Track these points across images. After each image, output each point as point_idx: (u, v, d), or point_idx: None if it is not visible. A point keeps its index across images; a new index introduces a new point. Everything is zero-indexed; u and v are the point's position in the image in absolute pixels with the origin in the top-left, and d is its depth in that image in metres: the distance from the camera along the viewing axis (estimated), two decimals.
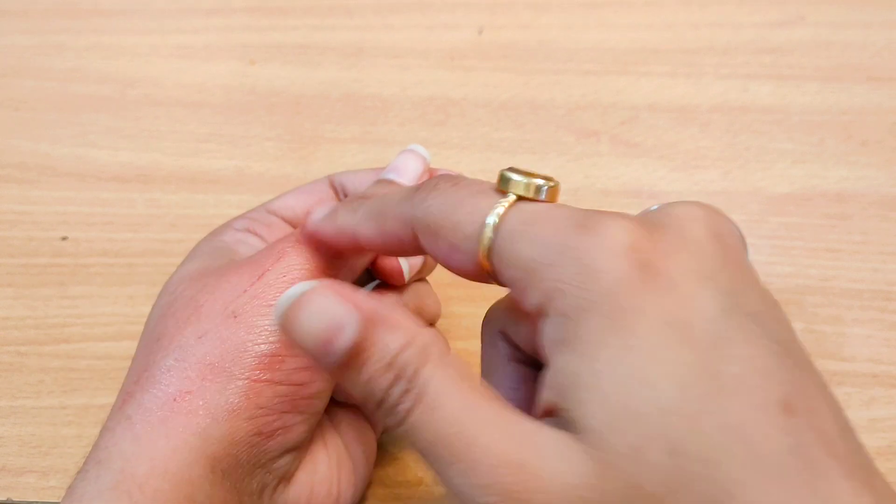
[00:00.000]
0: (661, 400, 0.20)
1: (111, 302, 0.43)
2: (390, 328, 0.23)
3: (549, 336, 0.23)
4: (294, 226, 0.36)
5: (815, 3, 0.55)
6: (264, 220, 0.35)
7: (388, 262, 0.34)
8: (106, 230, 0.46)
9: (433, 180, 0.27)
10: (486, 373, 0.29)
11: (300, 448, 0.31)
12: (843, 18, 0.55)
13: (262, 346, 0.29)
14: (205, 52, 0.56)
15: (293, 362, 0.30)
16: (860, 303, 0.41)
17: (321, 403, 0.31)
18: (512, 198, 0.25)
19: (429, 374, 0.22)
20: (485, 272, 0.25)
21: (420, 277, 0.36)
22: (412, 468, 0.38)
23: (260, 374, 0.29)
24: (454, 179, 0.27)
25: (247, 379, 0.29)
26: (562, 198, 0.46)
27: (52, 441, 0.39)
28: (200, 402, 0.28)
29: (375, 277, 0.35)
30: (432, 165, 0.37)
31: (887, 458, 0.36)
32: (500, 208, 0.25)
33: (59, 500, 0.37)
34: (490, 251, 0.25)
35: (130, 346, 0.42)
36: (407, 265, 0.34)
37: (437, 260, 0.27)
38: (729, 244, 0.24)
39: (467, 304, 0.42)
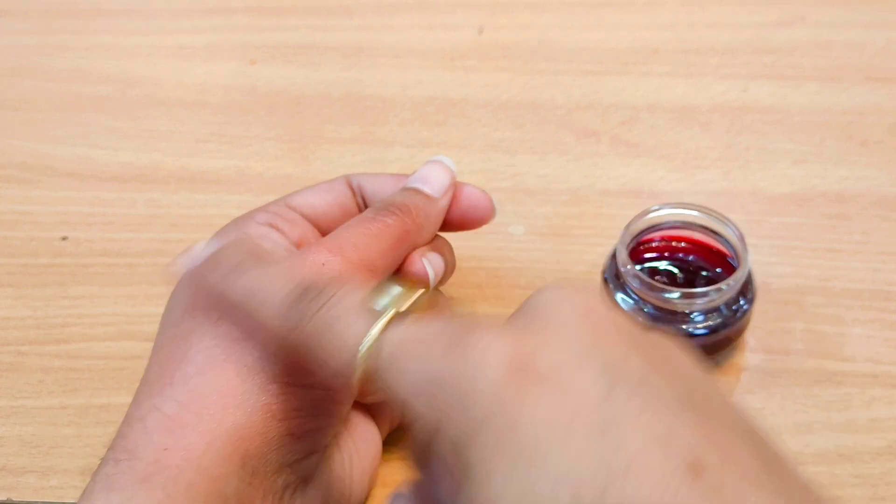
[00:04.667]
0: None
1: (111, 302, 0.43)
2: None
3: (446, 465, 0.22)
4: (314, 223, 0.36)
5: (815, 3, 0.55)
6: (286, 215, 0.35)
7: (413, 269, 0.34)
8: (106, 230, 0.46)
9: (309, 293, 0.27)
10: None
11: (323, 450, 0.31)
12: (843, 18, 0.55)
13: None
14: (205, 52, 0.56)
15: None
16: (860, 303, 0.41)
17: (348, 408, 0.32)
18: (386, 317, 0.25)
19: None
20: (367, 394, 0.25)
21: (443, 283, 0.36)
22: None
23: (296, 377, 0.29)
24: (325, 294, 0.26)
25: (283, 382, 0.29)
26: (562, 198, 0.46)
27: (52, 441, 0.39)
28: (236, 401, 0.29)
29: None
30: None
31: (887, 458, 0.36)
32: (375, 331, 0.24)
33: (59, 500, 0.37)
34: (368, 379, 0.24)
35: (130, 346, 0.42)
36: (433, 271, 0.34)
37: (315, 378, 0.28)
38: (599, 318, 0.23)
39: (468, 305, 0.42)
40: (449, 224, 0.36)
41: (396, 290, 0.25)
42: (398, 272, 0.34)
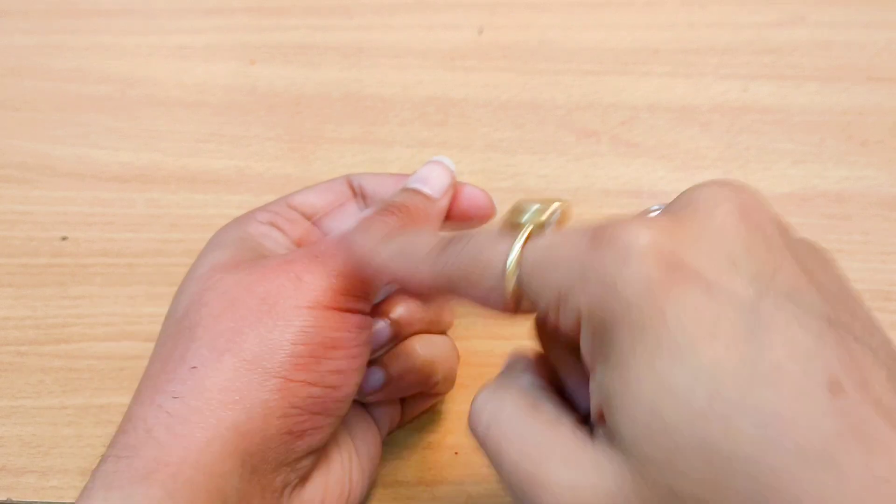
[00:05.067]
0: (691, 403, 0.20)
1: (111, 302, 0.43)
2: None
3: (586, 351, 0.23)
4: (315, 223, 0.36)
5: (815, 3, 0.55)
6: (287, 214, 0.35)
7: None
8: (106, 230, 0.46)
9: (455, 237, 0.27)
10: (559, 369, 0.29)
11: (321, 449, 0.31)
12: (843, 18, 0.55)
13: (300, 346, 0.29)
14: (205, 52, 0.56)
15: (329, 364, 0.30)
16: None
17: (347, 407, 0.32)
18: (526, 232, 0.25)
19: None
20: (521, 310, 0.26)
21: None
22: (413, 468, 0.38)
23: (296, 373, 0.29)
24: (472, 232, 0.27)
25: (283, 378, 0.29)
26: (562, 198, 0.46)
27: (52, 441, 0.39)
28: (236, 397, 0.29)
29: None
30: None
31: None
32: (518, 246, 0.25)
33: (59, 500, 0.37)
34: (518, 291, 0.25)
35: (130, 346, 0.42)
36: None
37: (474, 306, 0.28)
38: (757, 222, 0.23)
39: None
40: (449, 224, 0.36)
41: (533, 206, 0.26)
42: None
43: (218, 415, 0.28)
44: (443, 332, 0.37)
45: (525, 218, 0.26)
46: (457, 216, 0.36)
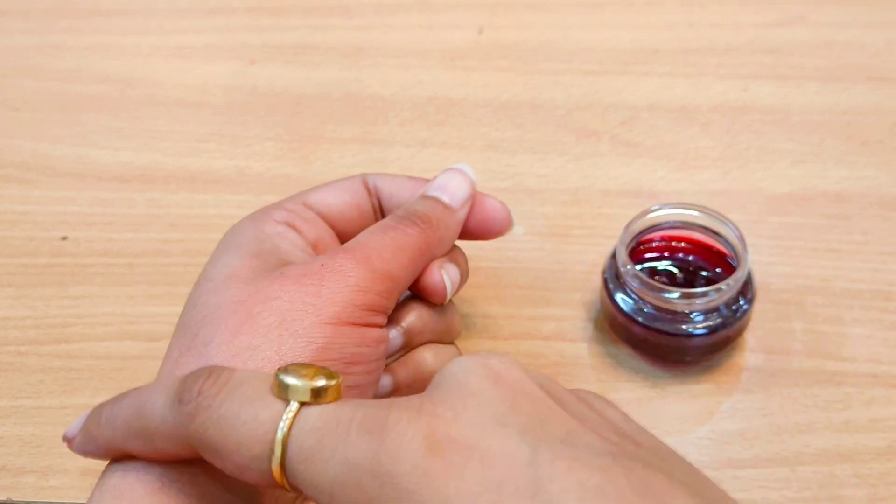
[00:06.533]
0: None
1: (111, 302, 0.43)
2: None
3: None
4: (330, 222, 0.35)
5: (815, 3, 0.55)
6: (303, 214, 0.35)
7: (431, 280, 0.34)
8: (106, 230, 0.46)
9: (196, 383, 0.25)
10: None
11: None
12: (843, 18, 0.55)
13: (318, 363, 0.29)
14: (205, 52, 0.56)
15: (347, 381, 0.29)
16: (860, 303, 0.41)
17: None
18: (294, 406, 0.23)
19: None
20: (283, 488, 0.24)
21: (455, 293, 0.36)
22: None
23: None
24: (220, 380, 0.25)
25: None
26: (562, 198, 0.46)
27: (52, 441, 0.39)
28: None
29: (412, 292, 0.35)
30: (433, 167, 0.37)
31: (887, 458, 0.36)
32: (284, 423, 0.23)
33: (59, 500, 0.37)
34: (284, 471, 0.23)
35: (130, 346, 0.42)
36: (450, 283, 0.34)
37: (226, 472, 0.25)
38: (513, 380, 0.23)
39: (468, 305, 0.42)
40: (464, 234, 0.36)
41: (300, 380, 0.24)
42: (416, 283, 0.34)
43: None
44: (451, 342, 0.37)
45: (291, 392, 0.23)
46: (473, 227, 0.36)
